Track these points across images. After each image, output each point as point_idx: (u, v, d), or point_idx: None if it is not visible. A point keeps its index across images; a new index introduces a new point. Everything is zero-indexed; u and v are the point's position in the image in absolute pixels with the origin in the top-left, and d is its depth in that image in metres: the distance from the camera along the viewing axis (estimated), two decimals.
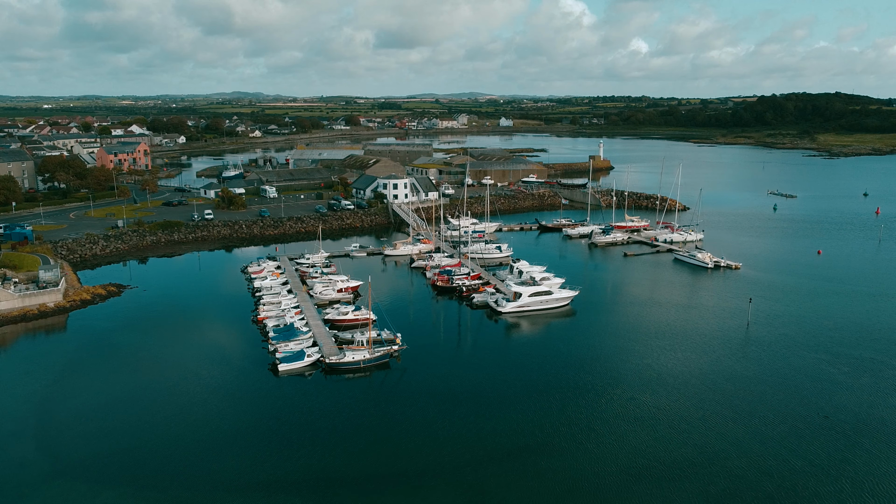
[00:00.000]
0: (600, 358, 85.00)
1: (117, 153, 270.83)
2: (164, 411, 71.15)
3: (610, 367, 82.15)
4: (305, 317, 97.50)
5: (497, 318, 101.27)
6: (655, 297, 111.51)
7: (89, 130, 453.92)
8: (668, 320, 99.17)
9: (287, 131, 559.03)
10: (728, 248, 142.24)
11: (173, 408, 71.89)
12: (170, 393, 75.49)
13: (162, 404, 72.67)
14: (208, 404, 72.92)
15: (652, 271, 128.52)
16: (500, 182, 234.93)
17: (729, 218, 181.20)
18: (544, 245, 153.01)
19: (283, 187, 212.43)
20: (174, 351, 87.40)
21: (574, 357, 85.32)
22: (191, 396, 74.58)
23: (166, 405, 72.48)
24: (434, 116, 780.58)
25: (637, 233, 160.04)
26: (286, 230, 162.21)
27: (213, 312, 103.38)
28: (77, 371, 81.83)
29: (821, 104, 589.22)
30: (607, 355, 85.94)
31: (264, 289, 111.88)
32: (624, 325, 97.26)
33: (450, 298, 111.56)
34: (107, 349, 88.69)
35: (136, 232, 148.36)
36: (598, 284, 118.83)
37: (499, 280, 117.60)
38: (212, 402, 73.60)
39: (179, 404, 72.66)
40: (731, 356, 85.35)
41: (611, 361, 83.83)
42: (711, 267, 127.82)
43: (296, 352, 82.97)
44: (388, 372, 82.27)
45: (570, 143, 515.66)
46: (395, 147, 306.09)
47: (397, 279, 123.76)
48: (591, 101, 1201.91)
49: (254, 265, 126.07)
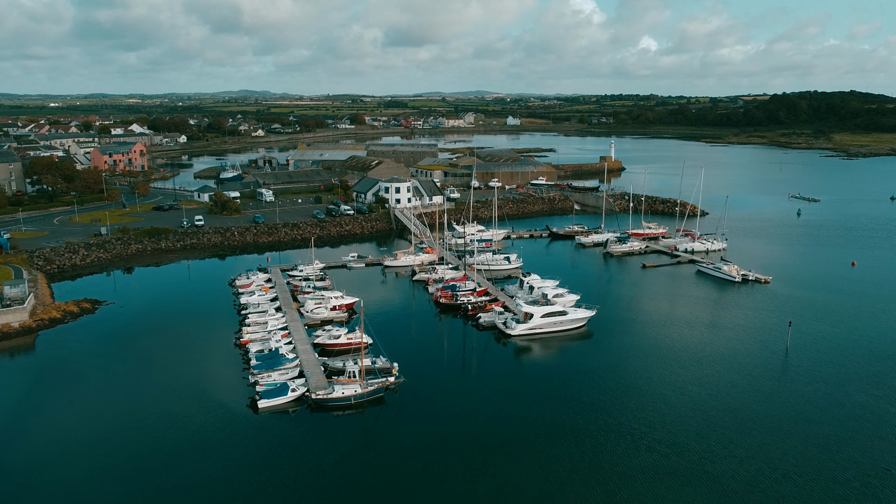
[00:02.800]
0: (623, 391, 75.05)
1: (112, 154, 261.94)
2: (124, 454, 61.77)
3: (634, 403, 72.18)
4: (293, 340, 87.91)
5: (506, 342, 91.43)
6: (680, 315, 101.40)
7: (90, 130, 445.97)
8: (696, 344, 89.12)
9: (291, 130, 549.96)
10: (753, 259, 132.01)
11: (136, 450, 62.45)
12: (134, 431, 66.04)
13: (123, 446, 63.26)
14: (175, 447, 63.41)
15: (674, 285, 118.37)
16: (507, 184, 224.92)
17: (751, 224, 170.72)
18: (556, 254, 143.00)
19: (281, 190, 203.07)
20: (144, 381, 77.90)
21: (593, 390, 75.39)
22: (157, 438, 65.05)
23: (128, 447, 63.06)
24: (440, 115, 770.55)
25: (655, 241, 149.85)
26: (281, 237, 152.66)
27: (193, 333, 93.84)
28: (34, 404, 72.47)
29: (835, 103, 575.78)
30: (630, 388, 75.95)
31: (251, 305, 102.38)
32: (647, 351, 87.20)
33: (454, 317, 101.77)
34: (71, 378, 79.37)
35: (121, 240, 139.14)
36: (615, 301, 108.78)
37: (507, 296, 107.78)
38: (180, 444, 64.10)
39: (143, 447, 63.19)
40: (770, 390, 75.23)
41: (635, 396, 73.86)
42: (739, 281, 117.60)
43: (279, 385, 73.37)
44: (383, 408, 72.60)
45: (578, 143, 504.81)
46: (398, 147, 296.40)
47: (397, 294, 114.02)
48: (599, 99, 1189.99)
49: (242, 278, 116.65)
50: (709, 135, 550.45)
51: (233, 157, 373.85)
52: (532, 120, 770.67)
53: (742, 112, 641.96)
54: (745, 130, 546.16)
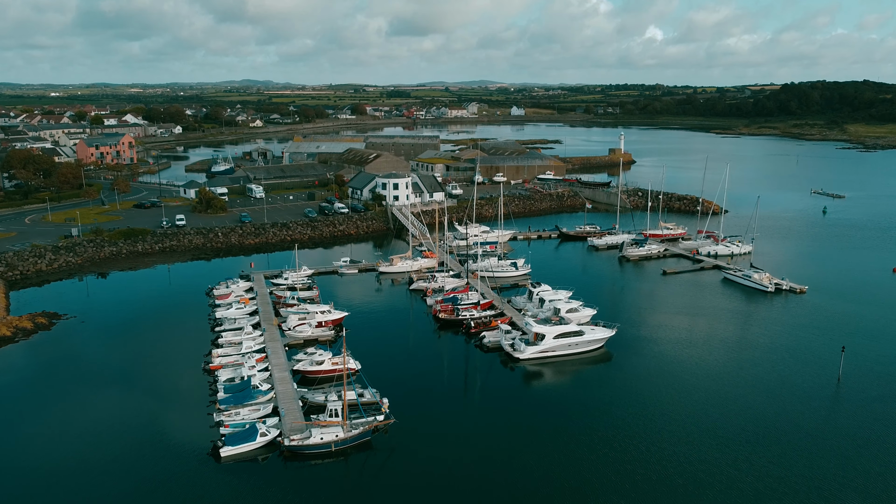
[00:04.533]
0: (650, 432, 63.59)
1: (99, 145, 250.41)
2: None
3: (665, 450, 60.75)
4: (270, 365, 76.64)
5: (513, 366, 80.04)
6: (709, 333, 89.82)
7: (83, 120, 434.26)
8: (730, 371, 77.62)
9: (290, 121, 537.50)
10: (782, 264, 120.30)
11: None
12: (66, 482, 54.90)
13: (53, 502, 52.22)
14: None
15: (699, 296, 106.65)
16: (513, 179, 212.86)
17: (774, 223, 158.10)
18: (566, 259, 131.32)
19: (272, 185, 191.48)
20: (90, 417, 66.71)
21: (616, 428, 63.96)
22: (94, 491, 53.91)
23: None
24: (443, 105, 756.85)
25: (673, 243, 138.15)
26: (269, 238, 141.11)
27: (157, 355, 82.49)
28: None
29: (848, 93, 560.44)
30: (659, 428, 64.46)
31: (227, 321, 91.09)
32: (675, 379, 75.68)
33: (455, 334, 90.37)
34: (11, 409, 68.28)
35: (93, 242, 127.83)
36: (635, 315, 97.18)
37: (514, 310, 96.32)
38: (121, 500, 53.08)
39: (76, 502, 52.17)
40: (821, 433, 63.75)
41: (666, 439, 62.41)
42: (772, 291, 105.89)
43: (247, 427, 62.12)
44: (369, 455, 61.33)
45: (584, 134, 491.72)
46: (398, 140, 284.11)
47: (391, 306, 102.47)
48: (604, 89, 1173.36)
49: (221, 287, 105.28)
50: (718, 125, 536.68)
51: (230, 148, 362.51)
52: (537, 110, 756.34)
53: (752, 102, 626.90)
54: (756, 121, 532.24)
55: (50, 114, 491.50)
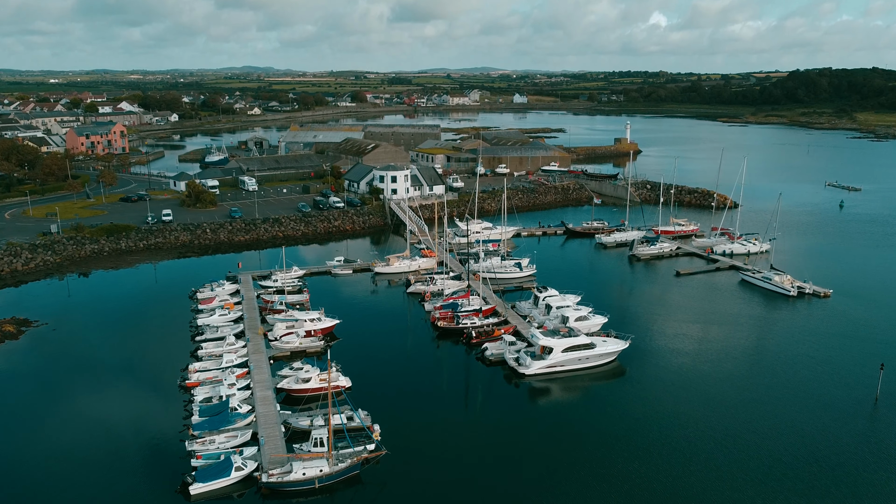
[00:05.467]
0: (675, 464, 56.99)
1: (89, 134, 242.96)
2: None
3: (692, 485, 54.17)
4: (252, 382, 70.01)
5: (518, 383, 73.35)
6: (730, 343, 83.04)
7: (77, 108, 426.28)
8: (755, 387, 70.95)
9: (289, 108, 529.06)
10: (800, 263, 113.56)
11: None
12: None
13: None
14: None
15: (716, 300, 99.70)
16: (516, 171, 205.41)
17: (789, 218, 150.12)
18: (573, 258, 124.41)
19: (266, 177, 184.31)
20: (50, 443, 60.18)
21: (637, 459, 57.36)
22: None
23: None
24: (444, 92, 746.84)
25: (686, 240, 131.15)
26: (259, 235, 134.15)
27: (130, 369, 75.87)
28: None
29: (857, 80, 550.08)
30: (686, 459, 57.88)
31: (208, 329, 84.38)
32: (697, 398, 68.98)
33: (455, 344, 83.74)
34: None
35: (73, 239, 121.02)
36: (649, 322, 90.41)
37: (519, 316, 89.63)
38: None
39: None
40: (861, 462, 57.14)
41: (693, 473, 55.80)
42: (794, 295, 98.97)
43: (221, 459, 55.53)
44: (357, 490, 54.82)
45: (588, 122, 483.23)
46: (398, 129, 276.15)
47: (387, 312, 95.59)
48: (607, 76, 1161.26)
49: (205, 289, 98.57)
50: (724, 114, 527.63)
51: (227, 136, 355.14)
52: (539, 97, 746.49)
53: (758, 90, 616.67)
54: (763, 109, 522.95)
55: (45, 101, 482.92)
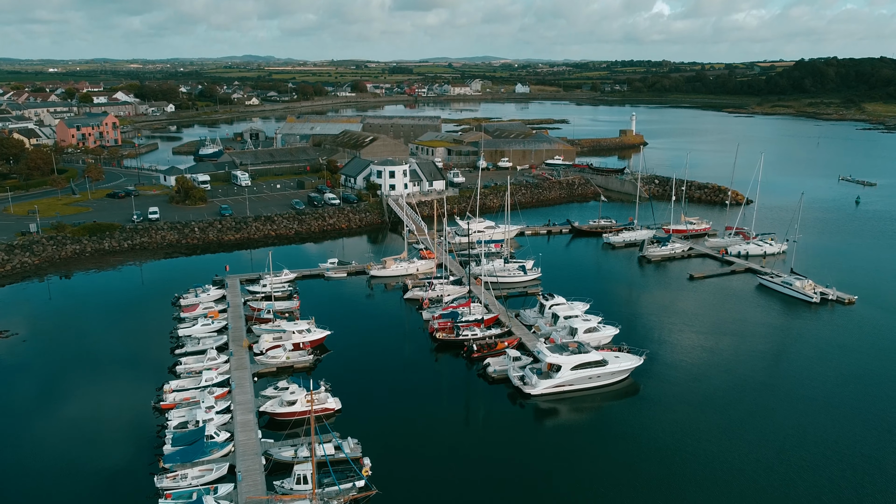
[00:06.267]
0: (701, 499, 51.11)
1: (80, 126, 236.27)
2: None
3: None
4: (233, 404, 64.02)
5: (524, 403, 67.36)
6: (753, 357, 76.86)
7: (72, 98, 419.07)
8: (784, 408, 64.88)
9: (287, 98, 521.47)
10: (822, 267, 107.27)
11: None
12: None
13: None
14: None
15: (733, 307, 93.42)
16: (519, 165, 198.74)
17: (803, 215, 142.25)
18: (579, 260, 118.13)
19: (260, 171, 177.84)
20: (4, 477, 54.31)
21: (658, 493, 51.39)
22: None
23: None
24: (446, 82, 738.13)
25: (698, 239, 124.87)
26: (251, 234, 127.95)
27: (102, 387, 69.91)
28: None
29: (865, 70, 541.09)
30: (713, 495, 51.91)
31: (189, 342, 78.42)
32: (721, 421, 62.93)
33: (455, 356, 77.74)
34: None
35: (53, 239, 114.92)
36: (663, 332, 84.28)
37: (523, 326, 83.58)
38: None
39: None
40: None
41: None
42: (816, 301, 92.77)
43: (192, 500, 49.59)
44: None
45: (591, 113, 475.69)
46: (397, 120, 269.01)
47: (382, 321, 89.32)
48: (610, 65, 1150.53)
49: (189, 295, 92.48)
50: (730, 104, 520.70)
51: (225, 127, 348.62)
52: (542, 87, 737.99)
53: (764, 80, 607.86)
54: (769, 99, 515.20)
55: (40, 91, 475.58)
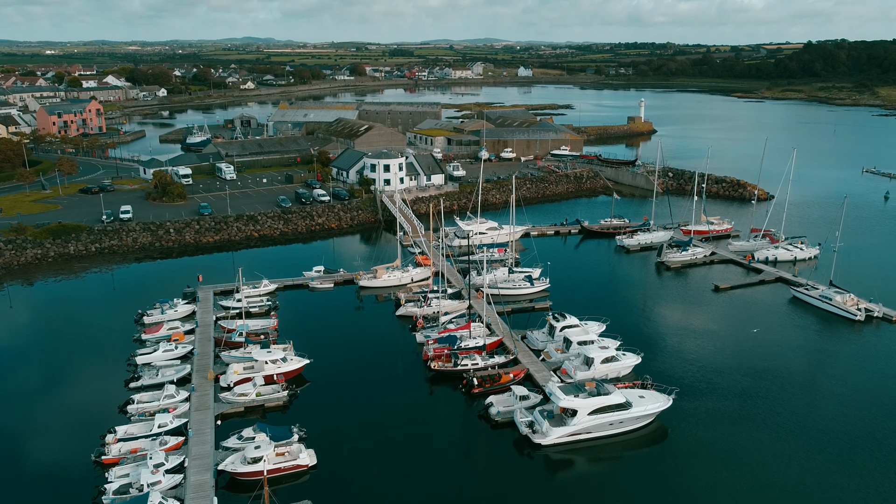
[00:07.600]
0: None
1: (62, 113, 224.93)
2: None
3: None
4: (188, 459, 53.80)
5: (533, 454, 57.12)
6: (795, 391, 66.52)
7: (62, 81, 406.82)
8: (834, 447, 54.63)
9: (284, 82, 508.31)
10: (858, 275, 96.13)
11: None
12: None
13: None
14: None
15: (768, 327, 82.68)
16: (523, 156, 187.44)
17: (826, 213, 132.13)
18: (590, 265, 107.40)
19: (247, 163, 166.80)
20: None
21: None
22: None
23: None
24: (447, 65, 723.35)
25: (719, 242, 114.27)
26: (231, 235, 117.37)
27: (41, 429, 59.77)
28: None
29: (877, 53, 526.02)
30: None
31: (146, 374, 68.03)
32: (763, 469, 52.70)
33: (453, 389, 67.49)
34: None
35: (13, 243, 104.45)
36: (691, 361, 73.84)
37: (531, 351, 73.24)
38: None
39: None
40: None
41: None
42: (861, 319, 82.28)
43: None
44: None
45: (596, 97, 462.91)
46: (395, 107, 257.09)
47: (370, 344, 78.52)
48: (614, 48, 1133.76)
49: (154, 312, 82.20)
50: (738, 88, 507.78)
51: (220, 112, 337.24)
52: (545, 70, 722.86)
53: (773, 63, 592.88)
54: (778, 83, 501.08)
55: (31, 74, 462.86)
